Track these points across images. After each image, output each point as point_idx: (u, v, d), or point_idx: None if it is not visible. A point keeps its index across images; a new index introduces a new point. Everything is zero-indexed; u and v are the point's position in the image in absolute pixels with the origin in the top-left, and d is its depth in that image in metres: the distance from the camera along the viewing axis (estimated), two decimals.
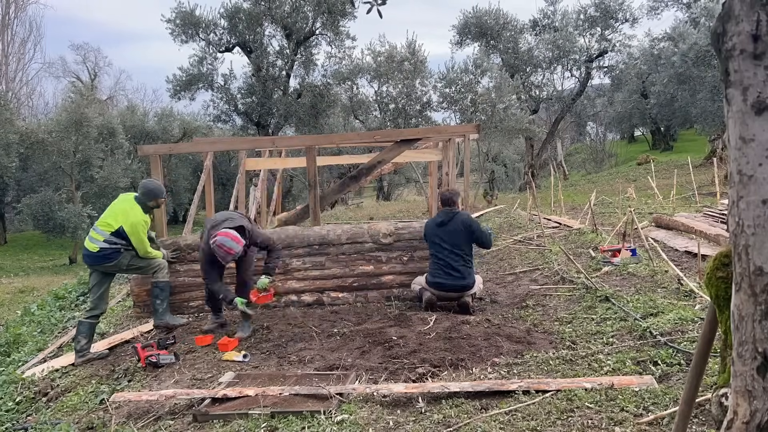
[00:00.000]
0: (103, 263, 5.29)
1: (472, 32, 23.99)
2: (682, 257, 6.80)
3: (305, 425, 3.21)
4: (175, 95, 22.68)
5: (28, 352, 6.25)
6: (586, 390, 3.23)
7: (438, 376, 3.82)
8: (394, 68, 22.96)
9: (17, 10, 36.20)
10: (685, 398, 1.96)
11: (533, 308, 5.54)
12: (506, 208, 14.82)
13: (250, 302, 5.21)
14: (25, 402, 4.72)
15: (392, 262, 6.06)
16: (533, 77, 25.01)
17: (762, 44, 1.30)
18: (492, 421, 3.02)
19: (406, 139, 6.42)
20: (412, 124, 22.73)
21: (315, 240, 6.07)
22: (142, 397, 3.92)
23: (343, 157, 15.16)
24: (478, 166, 29.07)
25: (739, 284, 1.39)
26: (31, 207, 19.84)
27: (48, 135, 20.77)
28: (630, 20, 23.41)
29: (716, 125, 18.99)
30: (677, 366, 3.46)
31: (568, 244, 8.26)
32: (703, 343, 1.88)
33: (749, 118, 1.33)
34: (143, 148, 6.34)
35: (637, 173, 22.76)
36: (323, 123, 23.31)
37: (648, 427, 2.79)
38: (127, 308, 6.90)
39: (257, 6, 21.71)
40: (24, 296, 11.53)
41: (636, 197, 14.55)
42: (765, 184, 1.32)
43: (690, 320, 4.12)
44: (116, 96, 41.14)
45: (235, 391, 3.70)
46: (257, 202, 10.21)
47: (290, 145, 9.39)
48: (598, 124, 34.26)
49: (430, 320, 5.10)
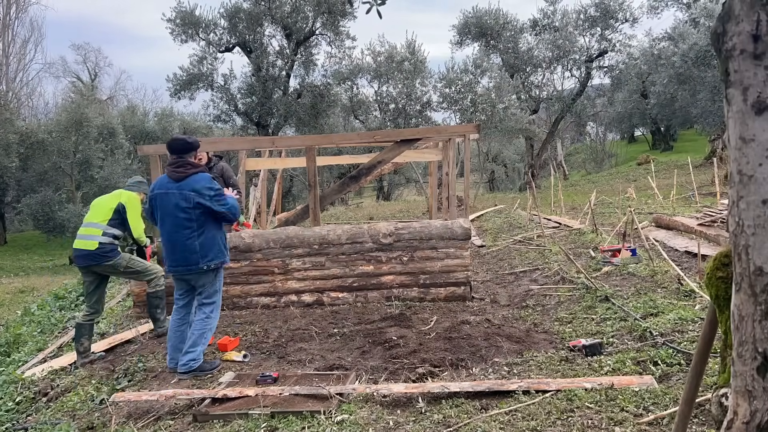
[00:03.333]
0: (101, 262, 5.07)
1: (472, 32, 23.99)
2: (682, 257, 6.80)
3: (305, 425, 3.21)
4: (175, 95, 22.69)
5: (28, 352, 6.25)
6: (586, 390, 3.23)
7: (438, 376, 3.82)
8: (394, 68, 22.98)
9: (18, 11, 36.21)
10: (685, 398, 1.96)
11: (533, 308, 5.54)
12: (506, 208, 14.83)
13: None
14: (25, 402, 4.71)
15: (392, 262, 6.06)
16: (533, 77, 25.00)
17: (762, 44, 1.30)
18: (492, 421, 3.02)
19: (406, 139, 6.42)
20: (412, 124, 22.75)
21: (315, 240, 6.07)
22: (142, 397, 3.92)
23: (343, 157, 15.17)
24: (478, 166, 29.09)
25: (739, 284, 1.39)
26: (31, 207, 19.86)
27: (48, 135, 20.79)
28: (630, 20, 23.40)
29: (716, 125, 18.99)
30: (677, 366, 3.47)
31: (568, 244, 8.26)
32: (703, 343, 1.88)
33: (749, 118, 1.33)
34: (143, 148, 6.34)
35: (637, 173, 22.76)
36: (323, 123, 23.32)
37: (648, 427, 2.79)
38: (127, 308, 6.90)
39: (257, 6, 21.71)
40: (24, 296, 11.53)
41: (636, 197, 14.55)
42: (765, 184, 1.32)
43: (690, 320, 4.12)
44: (116, 96, 41.18)
45: (235, 391, 3.70)
46: (257, 202, 10.21)
47: (290, 145, 9.39)
48: (598, 124, 34.24)
49: (430, 320, 5.10)
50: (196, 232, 4.34)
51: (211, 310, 4.50)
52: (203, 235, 4.36)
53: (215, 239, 4.43)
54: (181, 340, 4.47)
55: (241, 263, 6.05)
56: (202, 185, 4.34)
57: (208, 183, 4.38)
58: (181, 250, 4.37)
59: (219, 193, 4.41)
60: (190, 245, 4.34)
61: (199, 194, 4.31)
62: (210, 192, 4.34)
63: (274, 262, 6.07)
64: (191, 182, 4.34)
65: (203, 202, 4.31)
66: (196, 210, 4.32)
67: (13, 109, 22.98)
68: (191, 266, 4.38)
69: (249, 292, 6.08)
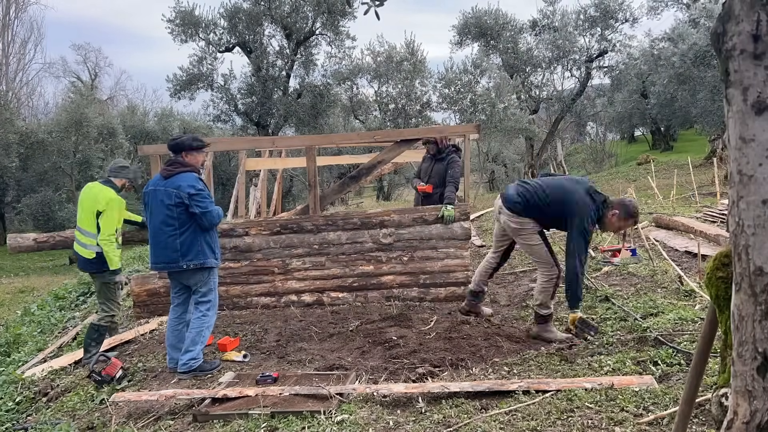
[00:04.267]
0: (102, 269, 5.04)
1: (472, 32, 23.98)
2: (682, 257, 6.80)
3: (305, 425, 3.21)
4: (175, 95, 22.68)
5: (28, 352, 6.25)
6: (586, 390, 3.23)
7: (438, 376, 3.82)
8: (394, 68, 22.99)
9: (18, 11, 36.20)
10: (685, 398, 1.96)
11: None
12: None
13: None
14: (25, 402, 4.72)
15: (392, 262, 6.06)
16: (533, 77, 24.99)
17: (762, 44, 1.30)
18: (492, 421, 3.02)
19: (406, 139, 6.42)
20: (412, 124, 22.75)
21: (315, 240, 6.07)
22: (142, 397, 3.92)
23: (343, 157, 15.17)
24: (478, 166, 29.08)
25: (739, 284, 1.39)
26: (31, 207, 19.84)
27: (48, 135, 20.77)
28: (630, 20, 23.38)
29: (716, 125, 18.97)
30: (677, 366, 3.46)
31: None
32: (703, 343, 1.88)
33: (749, 118, 1.33)
34: (143, 148, 6.33)
35: (637, 173, 22.73)
36: (323, 123, 23.31)
37: (648, 427, 2.79)
38: (127, 308, 6.90)
39: (257, 6, 21.70)
40: (24, 296, 11.52)
41: (636, 197, 14.54)
42: (765, 184, 1.32)
43: (690, 320, 4.12)
44: (116, 96, 41.15)
45: (235, 391, 3.70)
46: (257, 202, 10.21)
47: (290, 145, 9.39)
48: (598, 124, 34.22)
49: (430, 320, 5.10)
50: (178, 231, 4.37)
51: (207, 308, 4.52)
52: (185, 233, 4.39)
53: (197, 239, 4.43)
54: (178, 340, 4.47)
55: (241, 263, 6.06)
56: (186, 183, 4.38)
57: (191, 182, 4.41)
58: (162, 248, 4.42)
59: (201, 194, 4.41)
60: (172, 243, 4.37)
61: (180, 191, 4.35)
62: (190, 190, 4.36)
63: (274, 262, 6.07)
64: (176, 180, 4.40)
65: (183, 201, 4.34)
66: (178, 208, 4.36)
67: (13, 109, 22.95)
68: (171, 264, 4.42)
69: (249, 292, 6.09)
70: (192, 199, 4.36)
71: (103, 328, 5.20)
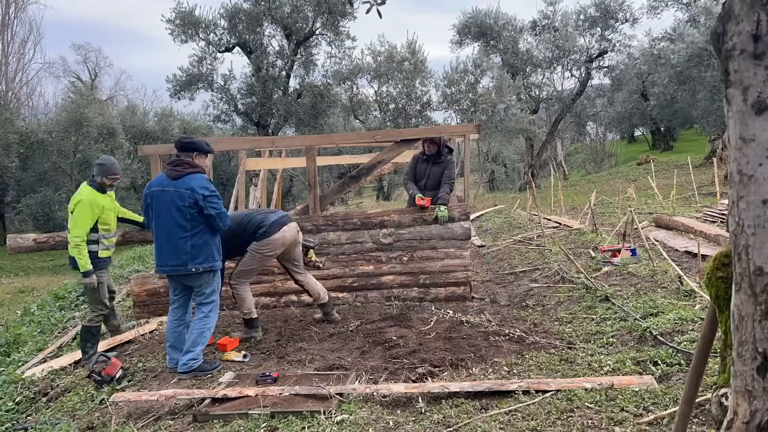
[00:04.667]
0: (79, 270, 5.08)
1: (472, 32, 24.01)
2: (682, 257, 6.80)
3: (305, 425, 3.21)
4: (175, 95, 22.71)
5: (28, 352, 6.25)
6: (586, 390, 3.23)
7: (438, 376, 3.82)
8: (394, 68, 23.01)
9: (17, 10, 36.19)
10: (685, 398, 1.96)
11: (533, 308, 5.55)
12: (506, 208, 14.83)
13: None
14: (25, 402, 4.71)
15: (392, 262, 6.06)
16: (533, 77, 25.02)
17: (762, 44, 1.30)
18: (492, 421, 3.02)
19: (406, 139, 6.42)
20: (412, 124, 22.76)
21: (314, 240, 6.06)
22: (142, 397, 3.91)
23: (343, 157, 15.17)
24: (478, 166, 29.10)
25: (739, 284, 1.39)
26: (31, 207, 19.84)
27: (48, 135, 20.77)
28: (630, 20, 23.43)
29: (716, 125, 18.99)
30: (677, 366, 3.46)
31: (568, 244, 8.26)
32: (703, 343, 1.87)
33: (749, 118, 1.33)
34: (143, 148, 6.33)
35: (637, 173, 22.74)
36: (323, 123, 23.32)
37: (648, 427, 2.79)
38: (127, 308, 6.90)
39: (257, 6, 21.71)
40: (24, 296, 11.53)
41: (636, 197, 14.55)
42: (765, 184, 1.32)
43: (690, 320, 4.12)
44: (116, 96, 41.14)
45: (235, 391, 3.70)
46: (257, 202, 10.21)
47: (290, 145, 9.39)
48: (598, 124, 34.25)
49: (430, 320, 5.10)
50: (189, 233, 4.33)
51: (210, 310, 4.50)
52: (197, 236, 4.35)
53: (208, 242, 4.41)
54: (179, 341, 4.47)
55: None
56: (199, 185, 4.35)
57: (204, 183, 4.39)
58: (172, 250, 4.35)
59: (214, 195, 4.40)
60: (182, 245, 4.32)
61: (194, 192, 4.31)
62: (204, 192, 4.34)
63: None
64: (188, 180, 4.35)
65: (198, 202, 4.31)
66: (191, 210, 4.31)
67: (13, 109, 22.98)
68: (179, 267, 4.35)
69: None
70: (207, 200, 4.32)
71: (95, 329, 5.23)
